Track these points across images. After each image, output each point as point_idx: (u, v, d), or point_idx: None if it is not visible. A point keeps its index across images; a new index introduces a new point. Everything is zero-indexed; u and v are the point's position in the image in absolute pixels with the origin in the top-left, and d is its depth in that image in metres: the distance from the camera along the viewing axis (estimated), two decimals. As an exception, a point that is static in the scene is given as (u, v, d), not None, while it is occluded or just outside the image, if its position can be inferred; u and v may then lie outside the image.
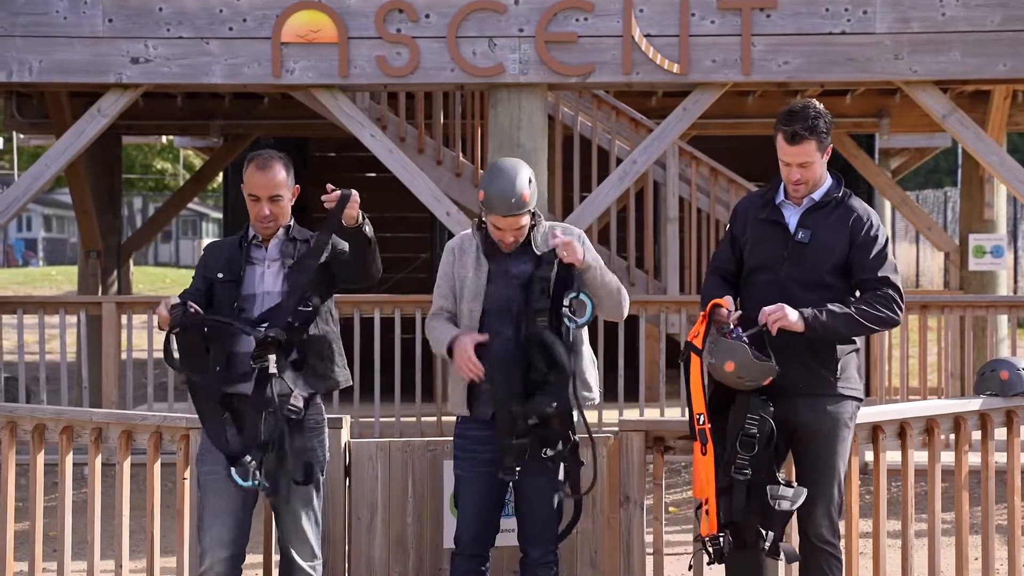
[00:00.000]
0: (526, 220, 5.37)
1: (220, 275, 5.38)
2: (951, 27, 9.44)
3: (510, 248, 5.41)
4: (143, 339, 11.84)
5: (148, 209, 46.71)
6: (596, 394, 5.48)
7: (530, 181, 5.33)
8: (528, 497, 5.36)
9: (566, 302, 5.22)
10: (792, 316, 5.11)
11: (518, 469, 5.21)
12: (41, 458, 5.77)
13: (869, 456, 7.11)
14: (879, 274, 5.27)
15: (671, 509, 9.00)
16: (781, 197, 5.41)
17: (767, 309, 5.14)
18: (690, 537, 6.21)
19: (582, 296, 5.25)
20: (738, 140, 15.54)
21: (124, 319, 10.65)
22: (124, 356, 10.82)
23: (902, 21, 9.44)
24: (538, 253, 5.39)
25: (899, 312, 5.26)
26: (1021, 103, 13.20)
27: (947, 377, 10.51)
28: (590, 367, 5.47)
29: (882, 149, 17.16)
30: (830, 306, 5.17)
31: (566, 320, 5.21)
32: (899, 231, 31.10)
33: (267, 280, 5.37)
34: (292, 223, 5.46)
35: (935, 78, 9.54)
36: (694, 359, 5.17)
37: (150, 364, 10.94)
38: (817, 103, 5.35)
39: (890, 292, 5.25)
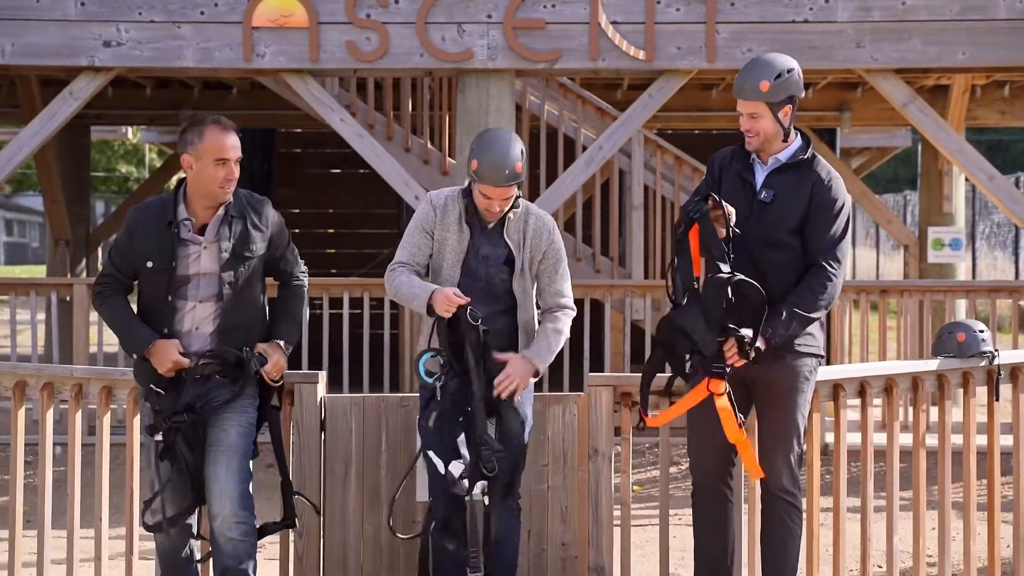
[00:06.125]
0: (515, 191, 5.47)
1: (150, 264, 5.21)
2: (911, 16, 9.63)
3: (495, 218, 5.50)
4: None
5: (110, 213, 46.26)
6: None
7: (522, 152, 5.44)
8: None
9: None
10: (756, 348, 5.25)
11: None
12: (22, 414, 5.85)
13: (830, 438, 7.29)
14: (823, 255, 5.39)
15: (634, 488, 9.13)
16: (754, 154, 5.55)
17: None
18: (655, 512, 6.29)
19: None
20: (703, 137, 15.74)
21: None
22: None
23: (863, 9, 9.62)
24: (508, 241, 5.51)
25: (834, 285, 5.37)
26: (979, 98, 13.45)
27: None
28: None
29: (843, 148, 17.38)
30: (781, 318, 5.27)
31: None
32: (859, 236, 31.38)
33: (203, 261, 5.24)
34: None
35: (896, 66, 9.73)
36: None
37: (120, 353, 10.96)
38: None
39: (827, 269, 5.36)
